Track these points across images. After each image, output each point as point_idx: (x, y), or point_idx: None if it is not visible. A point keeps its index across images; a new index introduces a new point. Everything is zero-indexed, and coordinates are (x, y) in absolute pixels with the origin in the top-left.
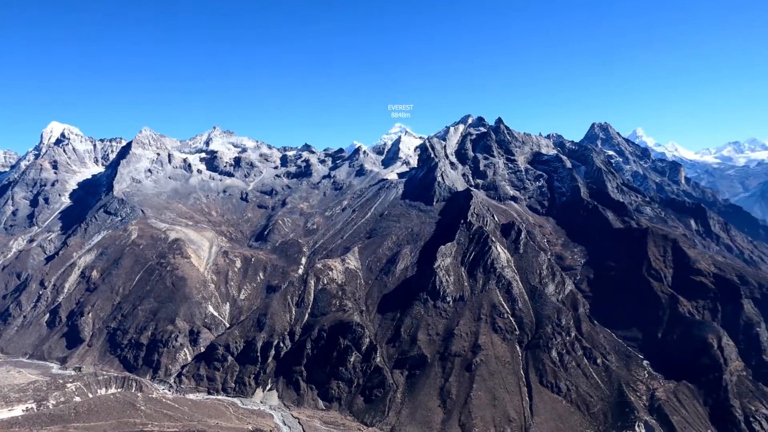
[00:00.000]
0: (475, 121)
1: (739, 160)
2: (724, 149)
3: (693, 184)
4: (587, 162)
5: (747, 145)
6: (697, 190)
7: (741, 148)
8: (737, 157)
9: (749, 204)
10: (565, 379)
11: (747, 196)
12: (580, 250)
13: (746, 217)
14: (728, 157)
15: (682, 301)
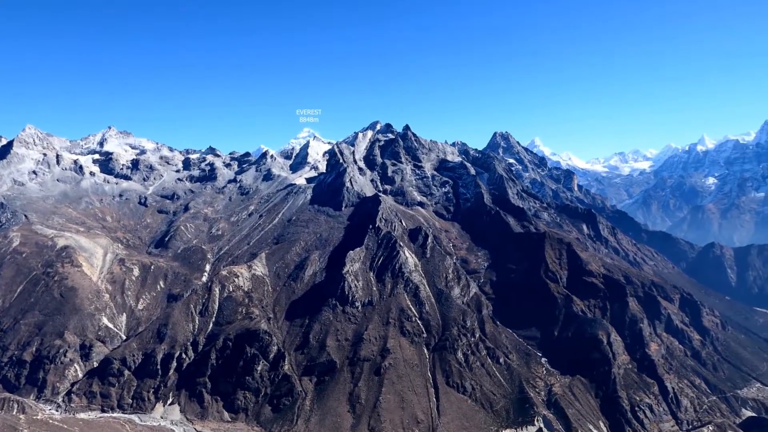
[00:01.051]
0: (383, 128)
1: (624, 170)
2: (611, 159)
3: (585, 191)
4: (490, 169)
5: (631, 155)
6: (588, 196)
7: (626, 159)
8: (622, 167)
9: (633, 210)
10: (470, 379)
11: (631, 202)
12: (483, 254)
13: (630, 222)
14: (615, 166)
15: (576, 301)
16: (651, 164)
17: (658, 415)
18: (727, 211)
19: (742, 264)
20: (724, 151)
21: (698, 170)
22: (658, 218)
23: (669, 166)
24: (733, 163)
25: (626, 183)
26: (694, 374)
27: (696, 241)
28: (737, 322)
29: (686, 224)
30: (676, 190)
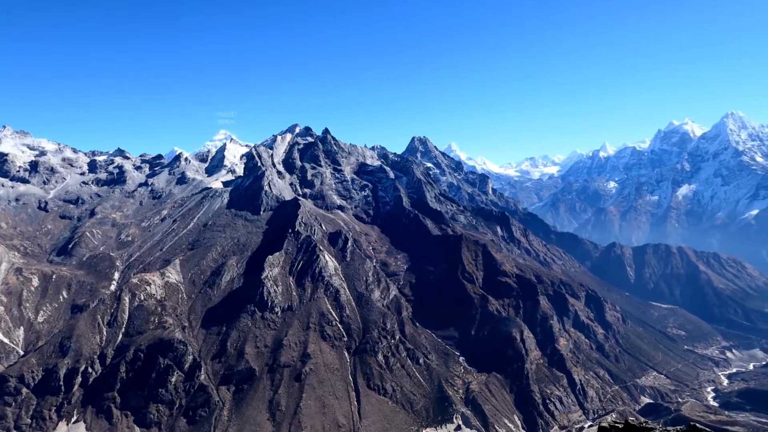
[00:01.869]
0: (303, 131)
1: (535, 174)
2: (522, 164)
3: (499, 195)
4: (408, 173)
5: (540, 160)
6: (502, 200)
7: (536, 164)
8: (533, 171)
9: (543, 212)
10: (390, 381)
11: (541, 205)
12: (403, 257)
13: (541, 224)
14: (526, 170)
15: (491, 300)
16: (559, 169)
17: (567, 406)
18: (626, 213)
19: (640, 262)
20: (623, 158)
21: (601, 175)
22: (566, 220)
23: (575, 171)
24: (631, 168)
25: (537, 187)
26: (599, 366)
27: (599, 242)
28: (636, 316)
29: (591, 225)
30: (581, 194)
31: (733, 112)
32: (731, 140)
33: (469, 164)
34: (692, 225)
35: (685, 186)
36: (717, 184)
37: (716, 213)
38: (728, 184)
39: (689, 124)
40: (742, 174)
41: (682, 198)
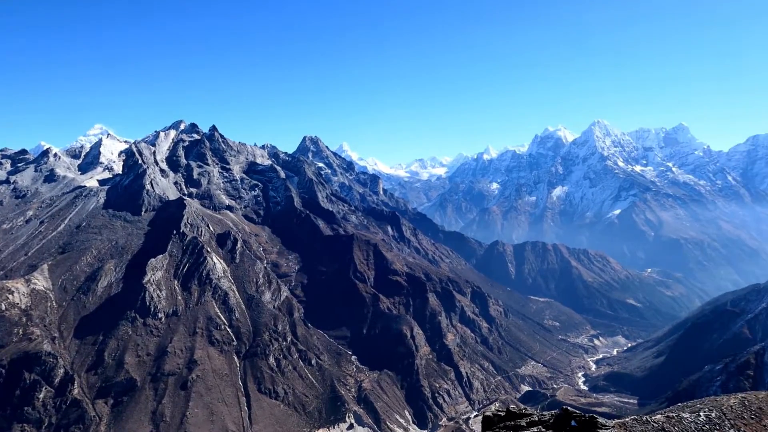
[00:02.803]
0: (188, 128)
1: (424, 175)
2: (412, 165)
3: (389, 195)
4: (300, 173)
5: (429, 162)
6: (392, 200)
7: (425, 165)
8: (422, 172)
9: (431, 212)
10: (282, 384)
11: (430, 205)
12: (294, 257)
13: (429, 224)
14: (415, 171)
15: (383, 299)
16: (446, 170)
17: (454, 398)
18: (507, 212)
19: (520, 258)
20: (504, 160)
21: (485, 176)
22: (453, 219)
23: (461, 172)
24: (512, 170)
25: (425, 187)
26: (484, 358)
27: (484, 240)
28: (516, 310)
29: (476, 224)
30: (467, 194)
31: (599, 121)
32: (598, 146)
33: (360, 165)
34: (565, 223)
35: (559, 187)
36: (586, 186)
37: (585, 212)
38: (595, 186)
39: (562, 130)
40: (606, 177)
41: (557, 199)
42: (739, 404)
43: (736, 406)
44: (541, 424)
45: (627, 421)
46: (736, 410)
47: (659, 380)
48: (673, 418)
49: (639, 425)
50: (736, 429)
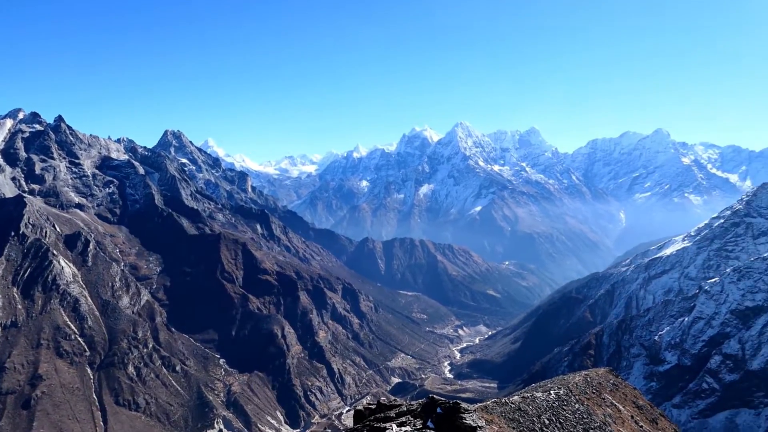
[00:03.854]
0: (28, 117)
1: (294, 172)
2: (282, 162)
3: (258, 193)
4: (161, 169)
5: (299, 159)
6: (261, 197)
7: (295, 162)
8: (292, 170)
9: (302, 209)
10: (143, 394)
11: (300, 203)
12: (155, 259)
13: (300, 221)
14: (285, 169)
15: (252, 299)
16: (317, 168)
17: (327, 395)
18: (377, 210)
19: (389, 254)
20: (374, 159)
21: (354, 174)
22: (324, 217)
23: (332, 170)
24: (381, 168)
25: (295, 185)
26: (355, 354)
27: (354, 237)
28: (386, 304)
29: (346, 222)
30: (337, 192)
31: (462, 122)
32: (461, 146)
33: (227, 161)
34: (431, 220)
35: (425, 185)
36: (450, 184)
37: (450, 209)
38: (459, 184)
39: (428, 130)
40: (469, 176)
41: (423, 196)
42: (582, 381)
43: (580, 383)
44: (410, 414)
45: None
46: (581, 386)
47: (516, 364)
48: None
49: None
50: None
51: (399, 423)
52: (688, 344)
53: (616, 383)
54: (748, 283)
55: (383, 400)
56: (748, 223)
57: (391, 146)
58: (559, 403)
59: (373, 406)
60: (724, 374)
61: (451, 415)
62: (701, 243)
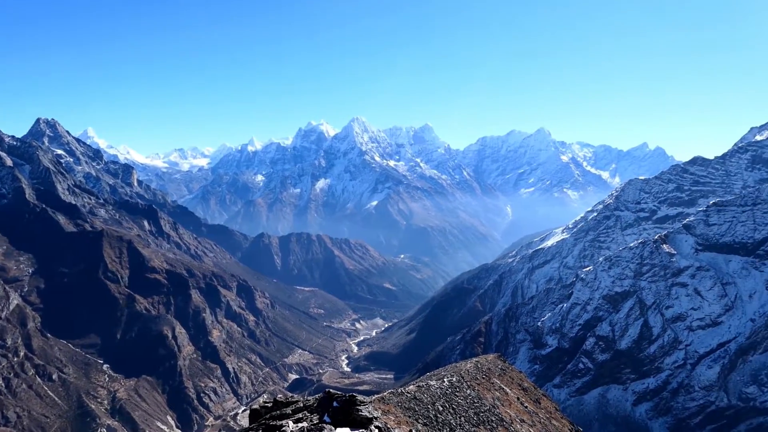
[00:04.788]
0: None
1: (184, 166)
2: (171, 155)
3: (145, 187)
4: (33, 161)
5: (190, 152)
6: (149, 192)
7: (185, 155)
8: (182, 163)
9: (193, 205)
10: (14, 407)
11: (191, 197)
12: (27, 259)
13: (191, 217)
14: (175, 162)
15: (139, 299)
16: (209, 161)
17: (221, 396)
18: (273, 204)
19: (285, 250)
20: (269, 152)
21: (249, 168)
22: (217, 212)
23: (225, 163)
24: (277, 162)
25: (186, 179)
26: (251, 352)
27: (249, 232)
28: (283, 300)
29: (241, 217)
30: (231, 186)
31: (358, 117)
32: (357, 141)
33: (110, 153)
34: (328, 215)
35: (322, 180)
36: (347, 179)
37: (346, 204)
38: (355, 179)
39: (324, 125)
40: (365, 171)
41: (320, 191)
42: (473, 368)
43: (471, 369)
44: (306, 410)
45: (385, 395)
46: (472, 373)
47: (412, 354)
48: (423, 386)
49: (395, 397)
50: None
51: (295, 420)
52: (566, 328)
53: (504, 368)
54: (617, 271)
55: (280, 398)
56: (617, 216)
57: (287, 140)
58: (452, 389)
59: (270, 404)
60: (597, 354)
61: (347, 408)
62: (578, 235)
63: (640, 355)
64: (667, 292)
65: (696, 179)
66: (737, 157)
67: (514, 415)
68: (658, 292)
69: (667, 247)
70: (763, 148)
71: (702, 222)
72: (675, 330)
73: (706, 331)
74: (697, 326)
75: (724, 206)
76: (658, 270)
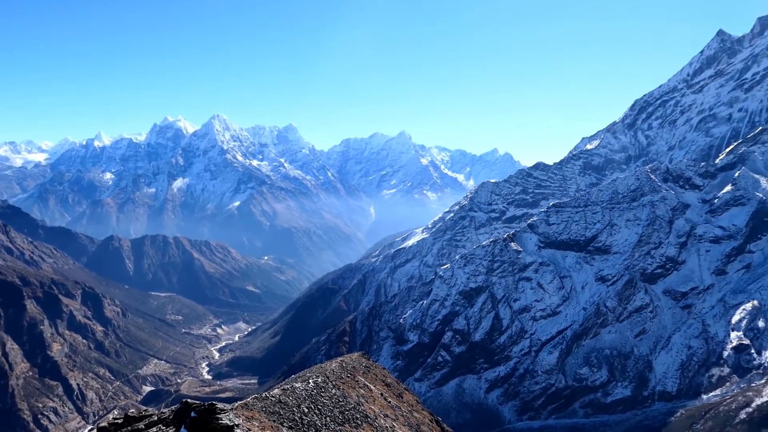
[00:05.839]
0: None
1: (17, 161)
2: (1, 148)
3: None
4: None
5: (24, 146)
6: None
7: (18, 149)
8: (15, 158)
9: (28, 205)
10: None
11: (26, 197)
12: None
13: (26, 218)
14: (5, 157)
15: None
16: (47, 157)
17: (63, 415)
18: (124, 205)
19: (139, 253)
20: (120, 149)
21: (96, 165)
22: (57, 213)
23: (67, 159)
24: (128, 160)
25: (19, 176)
26: (99, 365)
27: (96, 235)
28: (136, 308)
29: (86, 219)
30: (75, 185)
31: (219, 115)
32: (218, 139)
33: None
34: (187, 216)
35: (180, 179)
36: (207, 179)
37: (207, 204)
38: (216, 178)
39: (182, 121)
40: (227, 170)
41: (178, 191)
42: (338, 367)
43: (336, 369)
44: (161, 423)
45: (248, 400)
46: (337, 372)
47: (277, 358)
48: (288, 389)
49: (259, 402)
50: (337, 388)
51: None
52: (426, 324)
53: (368, 365)
54: (471, 268)
55: (132, 412)
56: (471, 217)
57: (141, 136)
58: (317, 390)
59: (120, 420)
60: (454, 347)
61: (206, 417)
62: (436, 234)
63: (492, 346)
64: (514, 286)
65: (539, 183)
66: (572, 163)
67: (378, 411)
68: (507, 286)
69: (515, 245)
70: (592, 156)
71: (544, 222)
72: (521, 321)
73: (548, 321)
74: (540, 316)
75: (562, 207)
76: (507, 266)
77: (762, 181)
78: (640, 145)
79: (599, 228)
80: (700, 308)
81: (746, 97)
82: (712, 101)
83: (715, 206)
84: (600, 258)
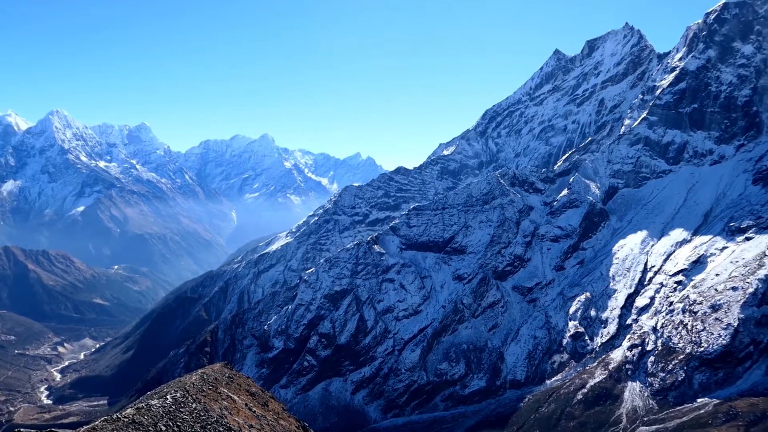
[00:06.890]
0: None
1: None
2: None
3: None
4: None
5: None
6: None
7: None
8: None
9: None
10: None
11: None
12: None
13: None
14: None
15: None
16: None
17: None
18: None
19: None
20: None
21: None
22: None
23: None
24: None
25: None
26: None
27: None
28: None
29: None
30: None
31: (59, 110)
32: (57, 138)
33: None
34: (20, 222)
35: (10, 181)
36: (45, 181)
37: (44, 209)
38: (56, 181)
39: (13, 116)
40: (68, 171)
41: (8, 194)
42: (199, 380)
43: (197, 382)
44: None
45: (97, 424)
46: (198, 385)
47: (130, 375)
48: (143, 408)
49: (110, 424)
50: (197, 402)
51: None
52: (291, 329)
53: (231, 375)
54: (336, 271)
55: None
56: (336, 220)
57: None
58: (176, 406)
59: None
60: (320, 351)
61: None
62: (301, 238)
63: (357, 347)
64: (378, 287)
65: (400, 186)
66: (430, 168)
67: (243, 422)
68: (371, 288)
69: (378, 247)
70: (448, 161)
71: (405, 224)
72: (385, 321)
73: (410, 320)
74: (403, 316)
75: (421, 210)
76: (371, 268)
77: (592, 186)
78: (490, 151)
79: (456, 229)
80: (543, 301)
81: (578, 110)
82: (550, 113)
83: (554, 208)
84: (457, 258)
